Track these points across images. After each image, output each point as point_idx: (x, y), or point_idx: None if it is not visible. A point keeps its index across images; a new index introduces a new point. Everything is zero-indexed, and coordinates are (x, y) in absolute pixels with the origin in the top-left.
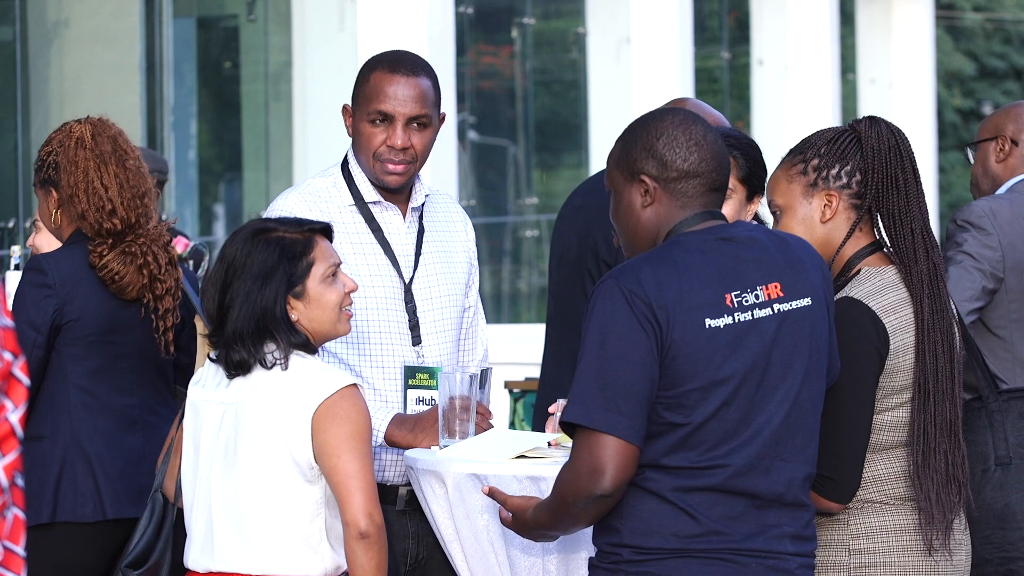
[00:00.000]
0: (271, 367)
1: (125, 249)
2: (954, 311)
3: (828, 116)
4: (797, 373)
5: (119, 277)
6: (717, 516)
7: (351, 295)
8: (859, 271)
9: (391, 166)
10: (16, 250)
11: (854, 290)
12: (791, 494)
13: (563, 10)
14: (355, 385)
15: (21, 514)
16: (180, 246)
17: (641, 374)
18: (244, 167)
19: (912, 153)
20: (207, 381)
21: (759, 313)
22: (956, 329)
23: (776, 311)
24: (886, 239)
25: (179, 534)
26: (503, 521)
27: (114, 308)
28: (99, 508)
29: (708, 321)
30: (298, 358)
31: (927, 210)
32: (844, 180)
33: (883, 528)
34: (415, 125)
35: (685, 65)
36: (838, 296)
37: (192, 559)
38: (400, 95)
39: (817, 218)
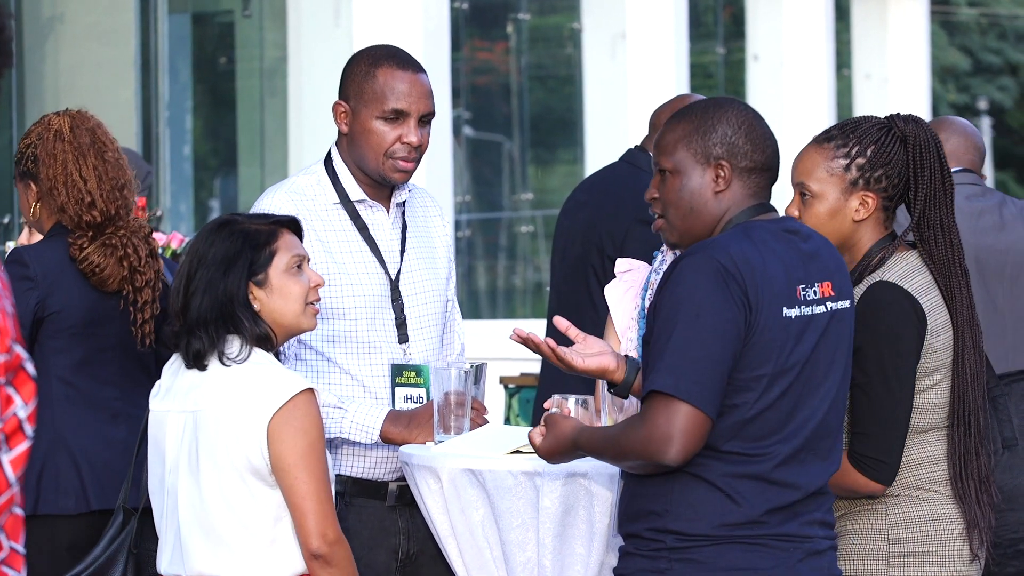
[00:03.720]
0: (228, 365)
1: (105, 241)
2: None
3: (823, 112)
4: (837, 372)
5: (100, 269)
6: (760, 504)
7: (322, 290)
8: (882, 258)
9: (403, 163)
10: (11, 245)
11: (887, 274)
12: (820, 487)
13: (558, 6)
14: (310, 390)
15: (20, 511)
16: (175, 242)
17: (731, 352)
18: (239, 163)
19: (947, 162)
20: (165, 391)
21: (817, 309)
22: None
23: (828, 309)
24: (907, 233)
25: (151, 542)
26: (531, 440)
27: (95, 300)
28: (82, 500)
29: (785, 309)
30: (255, 358)
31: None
32: (883, 184)
33: (921, 518)
34: (423, 121)
35: (680, 61)
36: (872, 281)
37: (164, 566)
38: (415, 92)
39: (851, 216)
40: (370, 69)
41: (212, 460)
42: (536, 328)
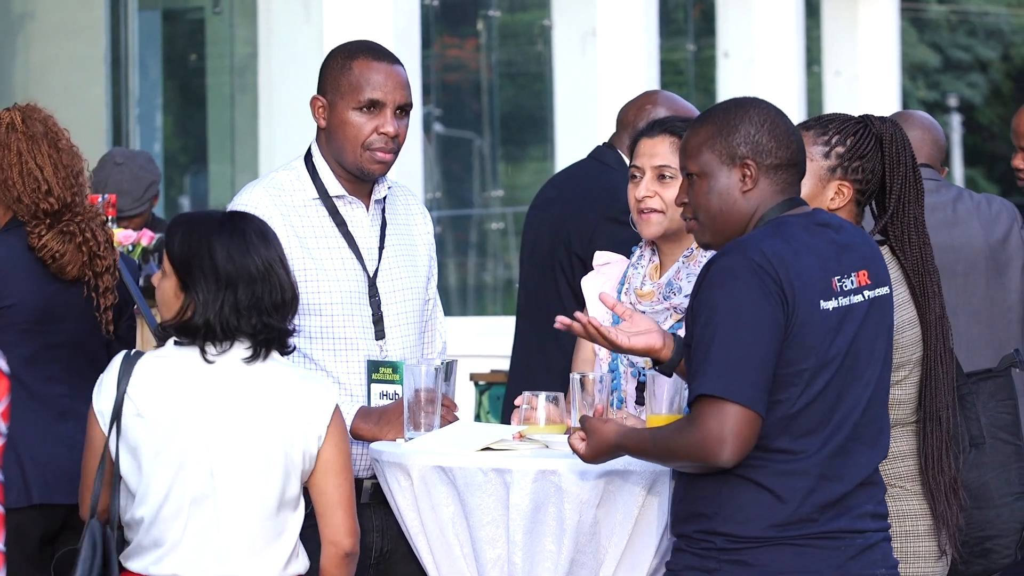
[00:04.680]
0: (287, 353)
1: (63, 228)
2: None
3: (794, 108)
4: (878, 360)
5: (59, 255)
6: (808, 502)
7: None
8: None
9: (381, 154)
10: None
11: None
12: (870, 476)
13: (528, 3)
14: None
15: (1, 508)
16: (146, 239)
17: (773, 349)
18: (209, 159)
19: (915, 158)
20: (177, 391)
21: (855, 299)
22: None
23: (866, 297)
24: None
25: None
26: (573, 447)
27: (49, 295)
28: (23, 494)
29: (822, 303)
30: (275, 358)
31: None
32: (859, 176)
33: (891, 514)
34: (400, 113)
35: (651, 57)
36: None
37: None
38: (390, 82)
39: (825, 203)
40: (346, 62)
41: (269, 464)
42: (503, 324)
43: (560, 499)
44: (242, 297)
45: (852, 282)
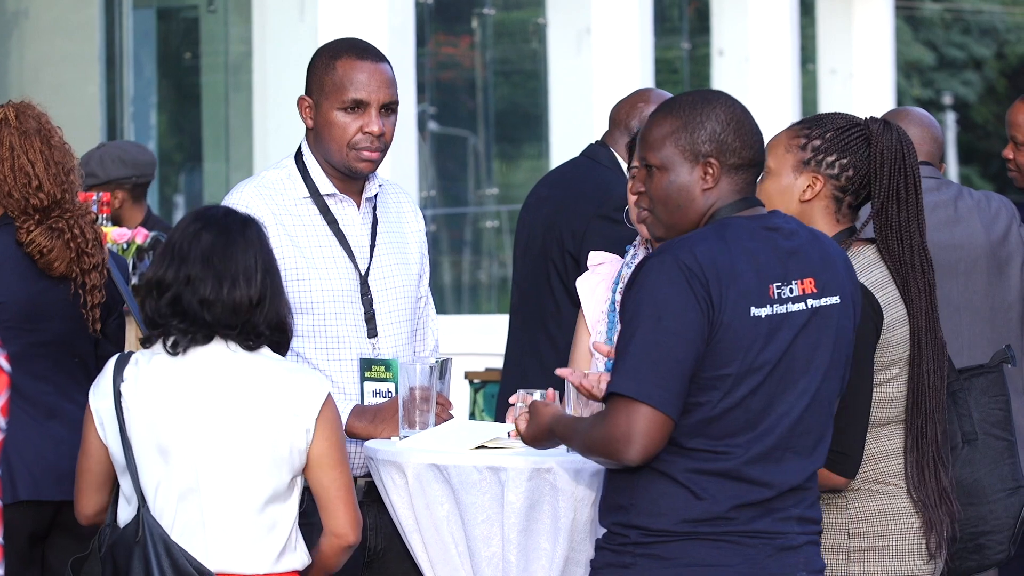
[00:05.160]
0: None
1: (51, 225)
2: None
3: (788, 106)
4: (818, 368)
5: (47, 251)
6: (726, 500)
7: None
8: None
9: (367, 153)
10: None
11: None
12: (801, 483)
13: (523, 1)
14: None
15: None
16: (140, 237)
17: (693, 353)
18: (204, 158)
19: (916, 163)
20: (152, 389)
21: (793, 307)
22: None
23: (808, 306)
24: (860, 227)
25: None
26: (517, 426)
27: (36, 293)
28: (9, 491)
29: (753, 309)
30: (265, 351)
31: (924, 219)
32: (835, 171)
33: (881, 512)
34: (385, 111)
35: (645, 56)
36: None
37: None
38: (374, 81)
39: (797, 194)
40: (330, 62)
41: (254, 457)
42: (498, 323)
43: (555, 497)
44: (171, 296)
45: (793, 290)
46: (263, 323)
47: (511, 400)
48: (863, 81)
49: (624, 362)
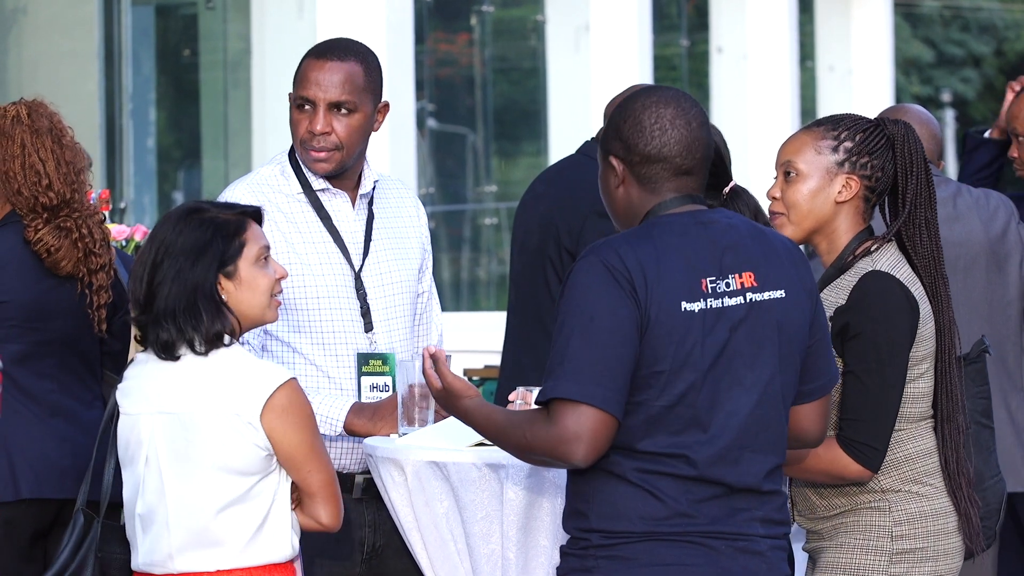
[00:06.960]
0: (203, 353)
1: (60, 224)
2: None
3: (787, 104)
4: (766, 363)
5: (54, 250)
6: (684, 499)
7: (285, 281)
8: (866, 249)
9: (313, 152)
10: None
11: (878, 264)
12: (761, 484)
13: None
14: (294, 379)
15: None
16: (139, 234)
17: (630, 349)
18: (203, 155)
19: (927, 162)
20: (135, 391)
21: (729, 301)
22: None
23: (747, 300)
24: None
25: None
26: (432, 387)
27: (43, 292)
28: (12, 489)
29: (684, 304)
30: (232, 351)
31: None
32: (868, 172)
33: (922, 514)
34: (340, 111)
35: (644, 53)
36: (864, 271)
37: (140, 563)
38: (323, 80)
39: (833, 196)
40: (301, 60)
41: (203, 462)
42: (496, 320)
43: (554, 494)
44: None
45: (730, 284)
46: (167, 320)
47: (510, 397)
48: (862, 78)
49: (562, 365)
